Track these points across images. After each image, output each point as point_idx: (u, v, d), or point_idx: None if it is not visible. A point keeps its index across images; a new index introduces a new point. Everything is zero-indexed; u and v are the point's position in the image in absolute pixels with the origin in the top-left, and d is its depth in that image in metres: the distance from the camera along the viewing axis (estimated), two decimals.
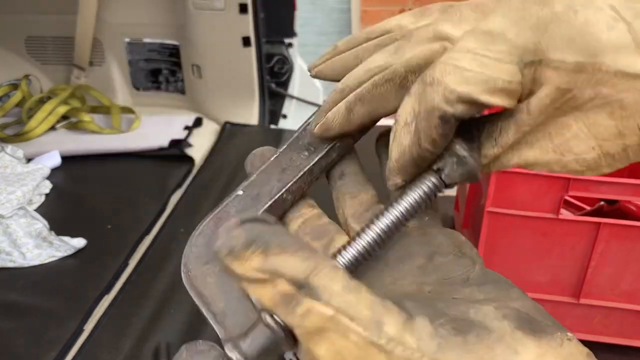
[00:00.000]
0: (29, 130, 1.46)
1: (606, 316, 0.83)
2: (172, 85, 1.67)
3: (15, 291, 1.00)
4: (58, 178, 1.32)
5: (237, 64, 1.53)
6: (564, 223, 0.77)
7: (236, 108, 1.58)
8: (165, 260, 1.03)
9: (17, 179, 1.20)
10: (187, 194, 1.25)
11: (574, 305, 0.83)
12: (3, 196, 1.11)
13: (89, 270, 1.04)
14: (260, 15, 1.49)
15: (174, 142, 1.42)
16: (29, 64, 1.69)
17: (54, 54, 1.69)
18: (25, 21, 1.66)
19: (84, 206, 1.27)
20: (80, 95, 1.61)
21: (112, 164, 1.40)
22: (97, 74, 1.67)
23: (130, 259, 1.06)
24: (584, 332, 0.85)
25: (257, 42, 1.50)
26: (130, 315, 0.91)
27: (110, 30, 1.62)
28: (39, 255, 1.05)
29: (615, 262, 0.79)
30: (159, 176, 1.37)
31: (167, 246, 1.07)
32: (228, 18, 1.47)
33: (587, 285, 0.81)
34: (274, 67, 1.59)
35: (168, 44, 1.61)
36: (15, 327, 0.92)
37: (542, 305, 0.78)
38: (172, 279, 0.98)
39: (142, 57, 1.65)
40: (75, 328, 0.90)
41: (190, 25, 1.52)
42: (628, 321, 0.83)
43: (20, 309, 0.96)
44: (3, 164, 1.28)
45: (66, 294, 0.99)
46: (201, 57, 1.55)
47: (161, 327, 0.88)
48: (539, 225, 0.78)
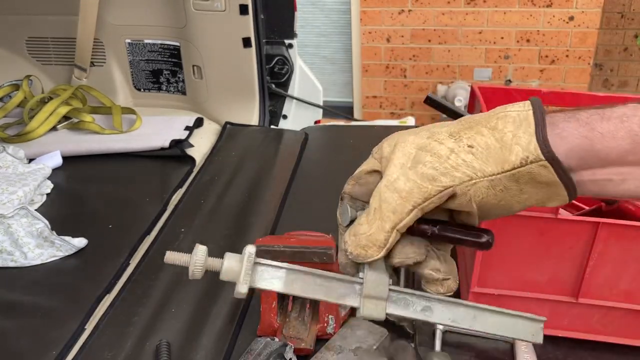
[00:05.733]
0: (31, 131, 1.46)
1: (605, 315, 0.84)
2: (173, 85, 1.68)
3: (16, 291, 1.00)
4: (59, 178, 1.33)
5: (238, 65, 1.53)
6: (563, 223, 0.78)
7: (237, 108, 1.59)
8: None
9: (18, 179, 1.20)
10: (187, 194, 1.25)
11: (573, 305, 0.83)
12: (4, 196, 1.12)
13: (90, 270, 1.04)
14: (261, 17, 1.50)
15: (175, 142, 1.42)
16: (31, 65, 1.70)
17: (55, 55, 1.69)
18: (27, 22, 1.66)
19: (85, 206, 1.27)
20: (82, 95, 1.62)
21: (113, 164, 1.41)
22: (98, 75, 1.67)
23: (131, 258, 1.06)
24: (583, 331, 0.86)
25: (258, 43, 1.51)
26: (131, 314, 0.91)
27: (111, 31, 1.63)
28: (40, 255, 1.06)
29: (614, 262, 0.79)
30: (159, 176, 1.37)
31: (168, 246, 1.07)
32: (228, 19, 1.47)
33: (585, 284, 0.81)
34: (274, 68, 1.60)
35: (169, 45, 1.61)
36: (16, 327, 0.92)
37: (541, 304, 0.79)
38: (173, 278, 0.99)
39: (143, 58, 1.65)
40: (77, 327, 0.90)
41: (191, 26, 1.53)
42: (627, 320, 0.83)
43: (21, 309, 0.96)
44: (4, 164, 1.28)
45: (67, 293, 0.99)
46: (202, 58, 1.56)
47: (162, 326, 0.89)
48: (538, 225, 0.79)
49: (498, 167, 0.45)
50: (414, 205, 0.45)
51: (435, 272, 0.49)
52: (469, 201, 0.46)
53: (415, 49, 3.67)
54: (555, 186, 0.45)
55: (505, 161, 0.45)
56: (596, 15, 3.39)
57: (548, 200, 0.47)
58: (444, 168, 0.45)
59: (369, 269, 0.50)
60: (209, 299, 0.94)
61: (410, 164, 0.46)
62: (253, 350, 0.75)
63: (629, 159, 0.44)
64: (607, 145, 0.44)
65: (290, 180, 1.30)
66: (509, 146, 0.45)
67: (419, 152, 0.46)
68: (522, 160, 0.44)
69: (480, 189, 0.46)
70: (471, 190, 0.46)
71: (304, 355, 0.80)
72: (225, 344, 0.84)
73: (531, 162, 0.44)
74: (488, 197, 0.46)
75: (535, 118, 0.45)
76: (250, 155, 1.40)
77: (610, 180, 0.46)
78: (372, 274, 0.50)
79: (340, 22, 3.87)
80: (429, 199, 0.45)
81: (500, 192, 0.46)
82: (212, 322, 0.89)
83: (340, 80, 4.05)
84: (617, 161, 0.45)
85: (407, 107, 3.89)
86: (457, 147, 0.46)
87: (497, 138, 0.45)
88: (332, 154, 1.48)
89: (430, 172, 0.45)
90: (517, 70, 3.62)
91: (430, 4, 3.51)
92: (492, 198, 0.46)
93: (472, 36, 3.57)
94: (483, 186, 0.45)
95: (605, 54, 3.56)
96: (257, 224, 1.14)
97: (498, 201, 0.47)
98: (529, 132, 0.44)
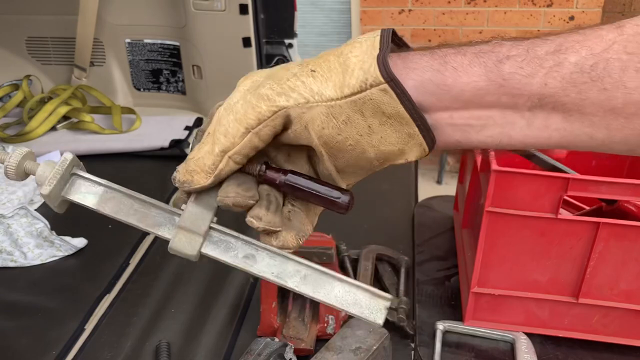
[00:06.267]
0: (30, 131, 1.46)
1: (605, 315, 0.84)
2: (173, 85, 1.67)
3: (16, 291, 1.00)
4: None
5: (238, 65, 1.53)
6: (563, 223, 0.78)
7: None
8: (166, 260, 1.03)
9: None
10: None
11: (573, 305, 0.83)
12: (4, 196, 1.12)
13: (90, 270, 1.04)
14: (261, 16, 1.50)
15: (175, 142, 1.42)
16: (30, 65, 1.69)
17: (55, 55, 1.69)
18: (26, 22, 1.66)
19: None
20: (81, 95, 1.62)
21: (112, 164, 1.41)
22: (98, 75, 1.67)
23: (131, 258, 1.06)
24: (583, 331, 0.85)
25: (258, 42, 1.51)
26: (131, 314, 0.91)
27: (111, 30, 1.62)
28: (40, 255, 1.06)
29: (614, 262, 0.79)
30: (159, 176, 1.37)
31: (168, 246, 1.07)
32: (228, 19, 1.47)
33: (586, 284, 0.81)
34: None
35: (168, 45, 1.61)
36: (16, 327, 0.92)
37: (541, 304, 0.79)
38: (172, 278, 0.99)
39: (143, 58, 1.65)
40: (76, 327, 0.90)
41: (190, 26, 1.53)
42: (627, 320, 0.83)
43: (21, 309, 0.96)
44: None
45: (67, 293, 0.99)
46: (202, 58, 1.56)
47: (162, 326, 0.89)
48: (538, 225, 0.79)
49: (337, 91, 0.41)
50: (247, 127, 0.42)
51: (255, 219, 0.44)
52: (305, 129, 0.42)
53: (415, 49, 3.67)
54: (407, 124, 0.41)
55: (345, 85, 0.41)
56: (596, 15, 3.39)
57: (405, 146, 0.43)
58: (281, 89, 0.42)
59: (193, 202, 0.46)
60: (209, 299, 0.94)
61: (252, 89, 0.43)
62: (253, 350, 0.75)
63: (486, 99, 0.41)
64: (460, 81, 0.40)
65: None
66: (351, 70, 0.41)
67: (265, 79, 0.43)
68: (362, 84, 0.41)
69: (318, 115, 0.42)
70: (307, 114, 0.42)
71: (304, 355, 0.80)
72: (225, 344, 0.84)
73: (370, 85, 0.40)
74: (330, 128, 0.42)
75: (380, 43, 0.42)
76: None
77: (470, 125, 0.42)
78: (194, 206, 0.46)
79: (340, 22, 3.87)
80: (263, 121, 0.42)
81: (344, 125, 0.42)
82: (212, 322, 0.89)
83: None
84: (474, 102, 0.41)
85: None
86: (300, 72, 0.43)
87: (341, 62, 0.42)
88: None
89: (267, 93, 0.42)
90: None
91: (431, 3, 3.51)
92: (335, 131, 0.42)
93: (473, 36, 3.57)
94: (321, 112, 0.41)
95: None
96: None
97: (345, 139, 0.42)
98: (372, 56, 0.41)
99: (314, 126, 0.42)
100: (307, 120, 0.42)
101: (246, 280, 0.97)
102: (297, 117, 0.42)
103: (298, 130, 0.42)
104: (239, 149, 0.42)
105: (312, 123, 0.42)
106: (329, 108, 0.42)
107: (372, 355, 0.71)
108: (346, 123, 0.42)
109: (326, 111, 0.42)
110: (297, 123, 0.42)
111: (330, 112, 0.42)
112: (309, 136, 0.42)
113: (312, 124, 0.42)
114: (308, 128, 0.42)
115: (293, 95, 0.42)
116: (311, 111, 0.42)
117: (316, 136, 0.42)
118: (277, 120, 0.42)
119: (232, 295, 0.94)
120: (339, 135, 0.42)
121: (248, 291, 0.95)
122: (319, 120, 0.42)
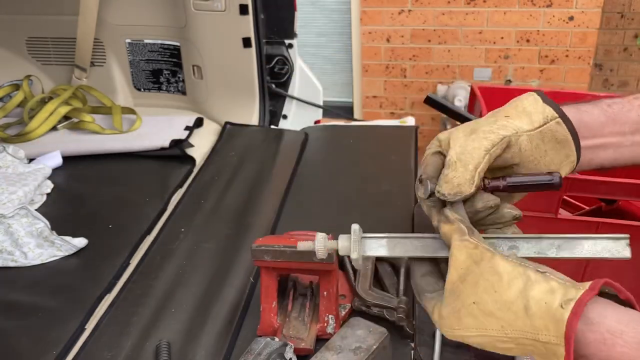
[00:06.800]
0: (31, 131, 1.46)
1: None
2: (173, 85, 1.68)
3: (16, 291, 1.00)
4: (59, 178, 1.33)
5: (238, 65, 1.53)
6: (563, 222, 0.78)
7: (236, 108, 1.59)
8: (166, 260, 1.03)
9: (18, 179, 1.21)
10: (188, 194, 1.25)
11: None
12: (5, 196, 1.12)
13: (90, 270, 1.04)
14: (261, 16, 1.50)
15: (175, 142, 1.42)
16: (31, 65, 1.70)
17: (56, 55, 1.69)
18: (27, 22, 1.66)
19: (85, 206, 1.27)
20: (82, 95, 1.62)
21: (113, 164, 1.41)
22: (98, 75, 1.67)
23: (131, 258, 1.06)
24: None
25: (258, 43, 1.51)
26: (132, 314, 0.91)
27: (111, 31, 1.63)
28: (40, 255, 1.06)
29: (614, 262, 0.79)
30: (160, 176, 1.38)
31: (168, 246, 1.07)
32: (228, 19, 1.47)
33: None
34: (274, 68, 1.59)
35: (169, 45, 1.62)
36: (16, 326, 0.92)
37: None
38: (173, 278, 0.99)
39: (143, 58, 1.65)
40: (77, 327, 0.90)
41: (191, 26, 1.53)
42: None
43: (21, 309, 0.96)
44: (4, 164, 1.28)
45: (67, 293, 0.99)
46: (202, 58, 1.56)
47: (162, 326, 0.89)
48: (539, 225, 0.79)
49: (530, 125, 0.60)
50: (485, 150, 0.58)
51: (512, 209, 0.61)
52: (518, 151, 0.59)
53: (415, 49, 3.67)
54: (568, 145, 0.60)
55: (532, 121, 0.60)
56: (596, 15, 3.39)
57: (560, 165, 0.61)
58: (496, 127, 0.59)
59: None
60: (209, 299, 0.94)
61: (469, 134, 0.60)
62: (253, 350, 0.75)
63: (606, 130, 0.63)
64: (590, 119, 0.63)
65: (290, 180, 1.30)
66: (529, 113, 0.61)
67: (472, 130, 0.60)
68: (544, 119, 0.60)
69: (523, 141, 0.60)
70: (519, 140, 0.59)
71: (304, 355, 0.80)
72: (225, 344, 0.84)
73: (550, 119, 0.60)
74: (527, 151, 0.60)
75: (540, 96, 0.62)
76: (250, 155, 1.40)
77: (596, 146, 0.63)
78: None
79: (340, 22, 3.87)
80: (495, 145, 0.58)
81: (535, 149, 0.60)
82: (212, 322, 0.89)
83: (340, 80, 4.05)
84: (599, 131, 0.62)
85: (407, 107, 3.89)
86: (499, 118, 0.61)
87: (520, 110, 0.61)
88: (332, 154, 1.48)
89: (490, 129, 0.59)
90: (517, 70, 3.62)
91: (430, 4, 3.51)
92: (529, 153, 0.60)
93: (472, 36, 3.57)
94: (525, 139, 0.60)
95: (605, 54, 3.56)
96: (257, 224, 1.14)
97: (533, 159, 0.60)
98: (540, 104, 0.61)
99: (522, 149, 0.60)
100: (520, 145, 0.59)
101: (246, 280, 0.97)
102: (514, 142, 0.59)
103: (515, 151, 0.60)
104: (484, 165, 0.58)
105: (522, 147, 0.60)
106: (529, 136, 0.60)
107: (372, 354, 0.71)
108: (536, 148, 0.60)
109: (527, 138, 0.60)
110: (514, 146, 0.60)
111: (529, 139, 0.60)
112: (520, 156, 0.60)
113: (522, 147, 0.60)
114: (520, 150, 0.60)
115: (508, 128, 0.60)
116: (520, 138, 0.60)
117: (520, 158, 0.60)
118: (504, 145, 0.59)
119: (232, 295, 0.94)
120: (531, 156, 0.60)
121: (248, 291, 0.95)
122: (524, 144, 0.60)
